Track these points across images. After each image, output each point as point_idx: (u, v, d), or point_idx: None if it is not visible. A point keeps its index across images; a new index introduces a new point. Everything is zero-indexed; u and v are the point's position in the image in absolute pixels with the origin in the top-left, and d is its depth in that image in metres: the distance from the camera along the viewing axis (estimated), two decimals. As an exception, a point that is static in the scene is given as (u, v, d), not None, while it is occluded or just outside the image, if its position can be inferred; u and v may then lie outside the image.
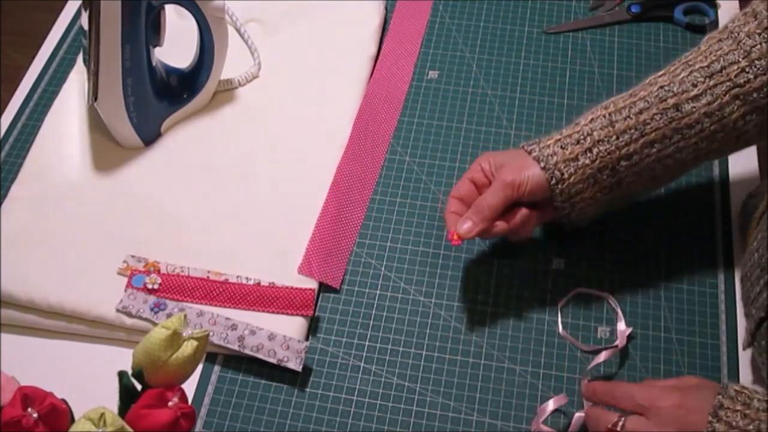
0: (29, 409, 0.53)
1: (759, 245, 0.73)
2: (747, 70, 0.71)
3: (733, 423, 0.63)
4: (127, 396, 0.59)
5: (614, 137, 0.74)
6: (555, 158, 0.75)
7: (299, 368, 0.76)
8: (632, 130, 0.73)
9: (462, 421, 0.74)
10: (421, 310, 0.81)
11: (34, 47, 1.05)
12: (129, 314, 0.79)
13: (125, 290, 0.80)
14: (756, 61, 0.71)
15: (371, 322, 0.81)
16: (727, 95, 0.72)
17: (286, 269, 0.82)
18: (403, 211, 0.88)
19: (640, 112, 0.74)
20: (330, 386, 0.77)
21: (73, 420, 0.56)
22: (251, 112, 0.95)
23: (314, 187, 0.89)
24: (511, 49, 1.01)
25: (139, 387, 0.59)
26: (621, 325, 0.78)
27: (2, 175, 0.91)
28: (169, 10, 0.89)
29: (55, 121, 0.94)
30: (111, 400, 0.58)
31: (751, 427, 0.62)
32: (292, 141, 0.93)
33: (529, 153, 0.77)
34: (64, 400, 0.56)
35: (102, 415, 0.53)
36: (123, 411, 0.58)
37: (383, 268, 0.84)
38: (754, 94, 0.71)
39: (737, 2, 1.04)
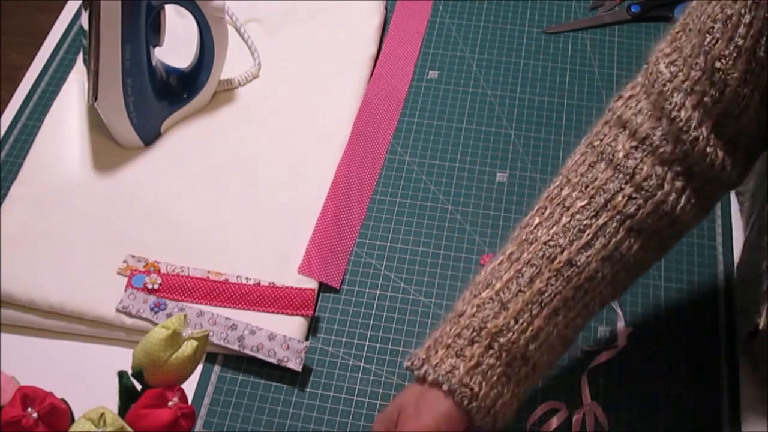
0: (29, 409, 0.53)
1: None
2: (634, 196, 0.60)
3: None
4: (127, 396, 0.59)
5: (512, 322, 0.60)
6: (457, 373, 0.60)
7: (299, 368, 0.76)
8: (530, 306, 0.60)
9: (462, 421, 0.74)
10: (421, 310, 0.81)
11: (34, 47, 1.05)
12: (129, 314, 0.79)
13: (125, 290, 0.80)
14: (643, 183, 0.60)
15: (371, 322, 0.81)
16: (621, 230, 0.60)
17: (286, 269, 0.82)
18: (403, 211, 0.88)
19: (531, 280, 0.61)
20: (330, 386, 0.77)
21: (73, 420, 0.56)
22: (251, 112, 0.95)
23: (314, 187, 0.89)
24: (511, 49, 1.01)
25: (139, 387, 0.59)
26: (621, 325, 0.78)
27: (2, 175, 0.91)
28: (169, 10, 0.89)
29: (55, 121, 0.94)
30: (111, 400, 0.58)
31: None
32: (292, 141, 0.93)
33: (424, 378, 0.61)
34: (64, 400, 0.56)
35: (102, 415, 0.53)
36: (123, 411, 0.58)
37: (383, 268, 0.84)
38: (648, 220, 0.61)
39: None
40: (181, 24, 0.92)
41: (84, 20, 0.83)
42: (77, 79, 0.98)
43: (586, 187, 0.61)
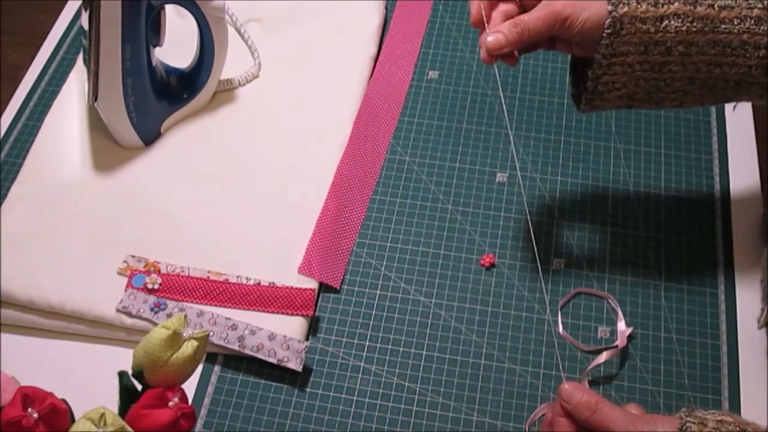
0: (29, 409, 0.53)
1: None
2: None
3: None
4: (127, 396, 0.59)
5: (690, 19, 0.67)
6: (625, 8, 0.67)
7: (299, 368, 0.76)
8: (708, 21, 0.67)
9: (462, 421, 0.74)
10: (421, 310, 0.81)
11: (34, 47, 1.05)
12: (129, 314, 0.79)
13: (125, 290, 0.80)
14: None
15: (371, 322, 0.81)
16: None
17: (286, 269, 0.82)
18: (403, 211, 0.88)
19: (724, 7, 0.67)
20: (330, 386, 0.77)
21: (73, 420, 0.56)
22: (251, 112, 0.95)
23: (314, 187, 0.89)
24: (511, 49, 1.01)
25: (139, 387, 0.59)
26: (621, 325, 0.78)
27: (2, 175, 0.91)
28: (169, 10, 0.89)
29: (55, 121, 0.94)
30: (111, 400, 0.58)
31: None
32: (292, 141, 0.93)
33: None
34: (64, 400, 0.56)
35: (102, 415, 0.53)
36: (123, 411, 0.58)
37: (383, 268, 0.84)
38: None
39: None
40: (181, 24, 0.92)
41: (84, 20, 0.83)
42: (77, 79, 0.98)
43: None
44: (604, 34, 0.68)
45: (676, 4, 0.68)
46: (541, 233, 0.85)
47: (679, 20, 0.68)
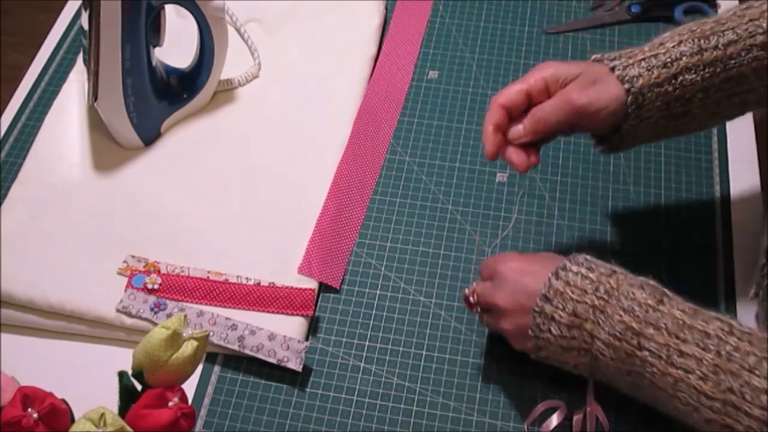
0: (29, 410, 0.53)
1: None
2: None
3: (572, 282, 0.65)
4: (127, 396, 0.59)
5: (701, 67, 0.68)
6: (641, 81, 0.68)
7: (299, 368, 0.76)
8: (718, 63, 0.68)
9: (462, 421, 0.74)
10: (421, 310, 0.81)
11: (34, 47, 1.05)
12: (129, 314, 0.79)
13: (125, 290, 0.80)
14: None
15: (371, 322, 0.81)
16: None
17: (286, 269, 0.82)
18: (403, 211, 0.88)
19: (729, 44, 0.68)
20: (330, 386, 0.77)
21: (73, 420, 0.56)
22: (251, 112, 0.95)
23: (314, 187, 0.89)
24: (511, 49, 1.01)
25: (139, 387, 0.59)
26: None
27: (2, 175, 0.91)
28: (169, 10, 0.89)
29: (55, 121, 0.94)
30: (111, 400, 0.58)
31: (589, 287, 0.64)
32: (292, 141, 0.93)
33: (612, 70, 0.69)
34: (64, 400, 0.56)
35: (102, 415, 0.53)
36: (123, 411, 0.58)
37: (383, 268, 0.84)
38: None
39: (737, 2, 1.03)
40: (181, 24, 0.92)
41: (84, 20, 0.83)
42: (77, 79, 0.98)
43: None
44: (629, 111, 0.68)
45: (684, 58, 0.68)
46: (541, 233, 0.85)
47: (692, 72, 0.68)
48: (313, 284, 0.82)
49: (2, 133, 0.95)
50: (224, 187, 0.89)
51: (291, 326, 0.79)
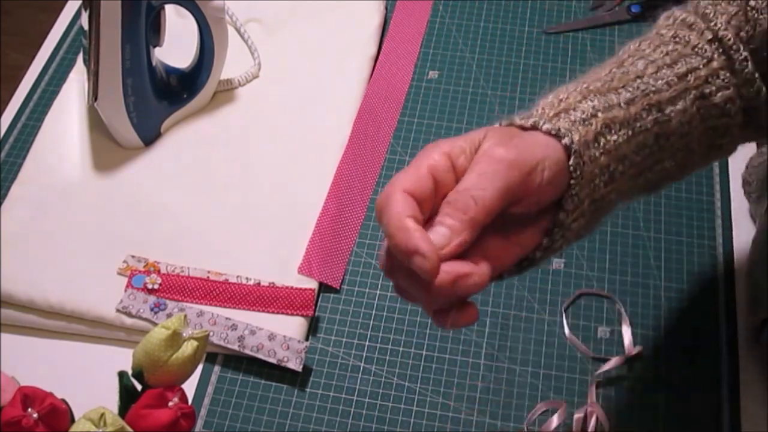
0: (29, 410, 0.53)
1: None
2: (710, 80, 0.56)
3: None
4: (127, 396, 0.59)
5: (619, 127, 0.53)
6: (575, 135, 0.51)
7: (299, 368, 0.76)
8: (625, 125, 0.54)
9: (462, 421, 0.74)
10: (421, 310, 0.81)
11: (34, 47, 1.05)
12: (129, 314, 0.79)
13: (125, 290, 0.80)
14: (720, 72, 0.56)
15: (371, 322, 0.81)
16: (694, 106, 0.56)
17: (286, 269, 0.82)
18: (403, 211, 0.88)
19: (628, 103, 0.54)
20: (330, 386, 0.77)
21: (73, 420, 0.56)
22: (251, 112, 0.95)
23: (314, 187, 0.89)
24: (511, 49, 1.01)
25: (139, 387, 0.59)
26: (628, 335, 0.77)
27: (2, 175, 0.91)
28: (169, 10, 0.89)
29: (55, 121, 0.94)
30: (111, 400, 0.58)
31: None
32: (292, 141, 0.93)
33: (532, 127, 0.51)
34: (64, 400, 0.56)
35: (102, 415, 0.53)
36: (123, 411, 0.58)
37: (383, 268, 0.84)
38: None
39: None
40: (181, 24, 0.92)
41: (84, 20, 0.83)
42: (77, 79, 0.98)
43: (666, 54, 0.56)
44: (573, 174, 0.51)
45: (600, 114, 0.53)
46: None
47: (614, 134, 0.54)
48: (313, 284, 0.82)
49: (2, 133, 0.95)
50: (224, 187, 0.89)
51: (291, 326, 0.79)
